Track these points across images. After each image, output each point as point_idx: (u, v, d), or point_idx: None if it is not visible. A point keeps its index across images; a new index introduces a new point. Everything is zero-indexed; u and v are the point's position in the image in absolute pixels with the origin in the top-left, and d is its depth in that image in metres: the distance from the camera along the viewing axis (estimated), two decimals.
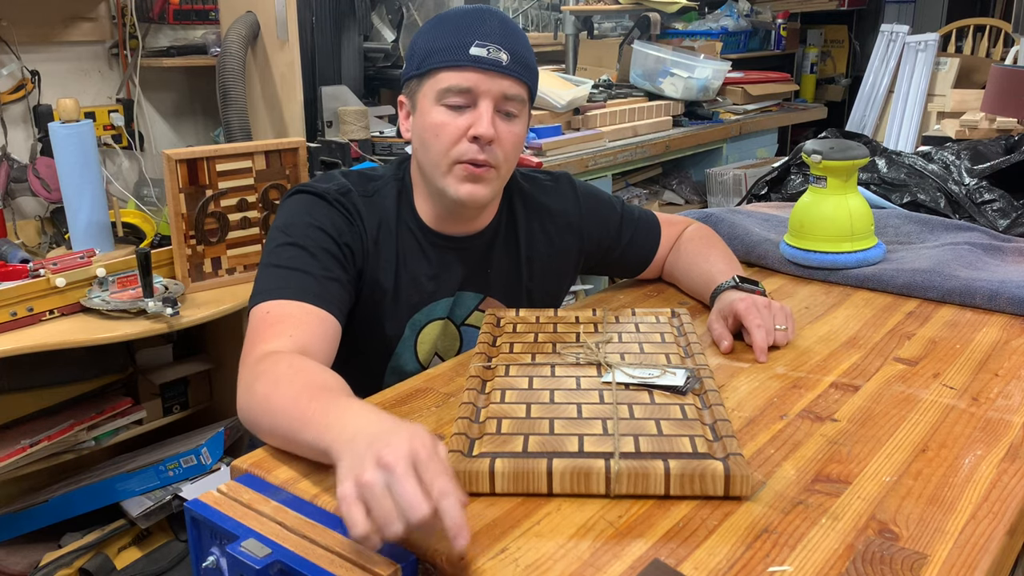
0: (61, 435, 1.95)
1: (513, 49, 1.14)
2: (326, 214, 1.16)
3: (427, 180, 1.20)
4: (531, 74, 1.18)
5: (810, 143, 1.49)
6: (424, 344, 1.26)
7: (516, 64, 1.14)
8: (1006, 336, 1.22)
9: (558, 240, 1.33)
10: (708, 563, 0.72)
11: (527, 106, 1.19)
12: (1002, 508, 0.80)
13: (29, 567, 1.96)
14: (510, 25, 1.17)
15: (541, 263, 1.32)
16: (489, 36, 1.12)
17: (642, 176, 3.45)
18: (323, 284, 1.09)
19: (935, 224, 1.63)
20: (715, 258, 1.35)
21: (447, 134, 1.13)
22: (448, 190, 1.16)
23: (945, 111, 3.58)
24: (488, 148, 1.13)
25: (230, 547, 0.74)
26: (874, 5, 5.49)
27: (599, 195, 1.40)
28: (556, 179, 1.36)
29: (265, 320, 1.04)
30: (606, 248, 1.39)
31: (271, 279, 1.09)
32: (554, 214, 1.32)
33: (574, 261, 1.36)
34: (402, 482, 0.69)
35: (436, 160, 1.16)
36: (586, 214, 1.35)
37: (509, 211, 1.30)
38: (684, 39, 3.98)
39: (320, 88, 2.75)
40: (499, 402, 0.95)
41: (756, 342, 1.14)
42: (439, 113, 1.14)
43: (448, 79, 1.12)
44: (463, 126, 1.13)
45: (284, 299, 1.05)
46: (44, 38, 2.71)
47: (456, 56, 1.12)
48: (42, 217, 2.70)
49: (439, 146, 1.14)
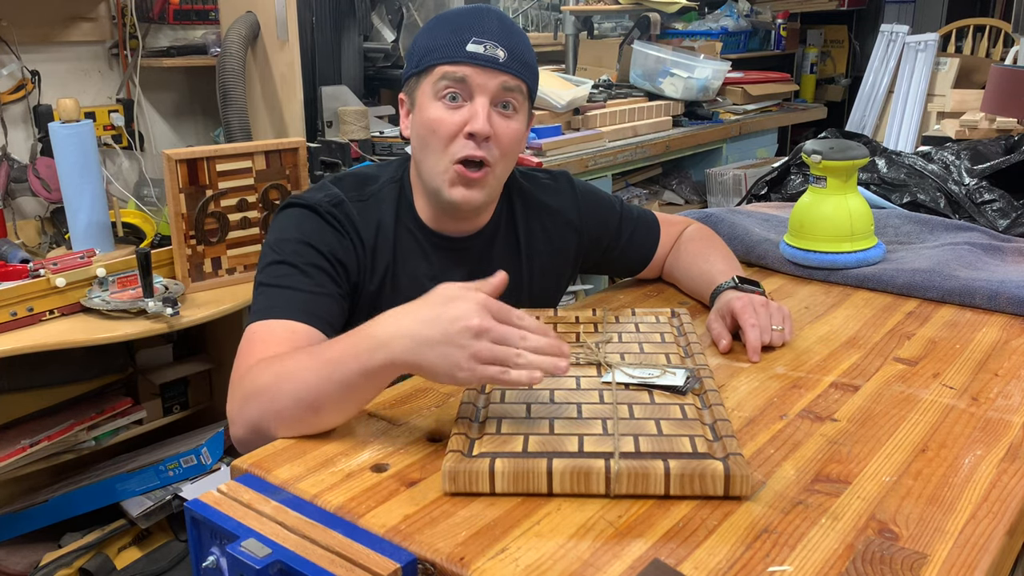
0: (61, 435, 1.95)
1: (510, 46, 1.14)
2: (316, 229, 1.15)
3: (424, 180, 1.19)
4: (530, 72, 1.17)
5: (810, 143, 1.49)
6: None
7: (513, 61, 1.14)
8: (1006, 336, 1.22)
9: (557, 238, 1.33)
10: (708, 563, 0.72)
11: (526, 104, 1.19)
12: (1002, 508, 0.80)
13: (29, 567, 1.96)
14: (508, 24, 1.17)
15: (541, 261, 1.32)
16: (486, 33, 1.13)
17: (642, 176, 3.45)
18: (313, 301, 1.09)
19: (935, 224, 1.63)
20: (715, 258, 1.35)
21: (444, 130, 1.13)
22: (443, 192, 1.16)
23: (945, 111, 3.58)
24: (484, 145, 1.13)
25: (230, 547, 0.74)
26: (874, 5, 5.49)
27: (598, 194, 1.40)
28: (555, 178, 1.37)
29: (250, 341, 1.04)
30: (605, 246, 1.39)
31: (261, 299, 1.10)
32: (553, 212, 1.33)
33: (573, 259, 1.37)
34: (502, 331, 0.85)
35: (434, 159, 1.16)
36: (585, 212, 1.35)
37: (509, 210, 1.30)
38: (684, 39, 3.98)
39: (320, 88, 2.75)
40: (499, 402, 0.95)
41: (749, 341, 1.14)
42: (436, 108, 1.14)
43: (443, 70, 1.13)
44: (459, 122, 1.13)
45: (272, 319, 1.06)
46: (44, 38, 2.71)
47: (453, 52, 1.13)
48: (42, 217, 2.70)
49: (436, 142, 1.14)
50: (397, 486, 0.83)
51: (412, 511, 0.79)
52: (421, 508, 0.80)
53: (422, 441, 0.93)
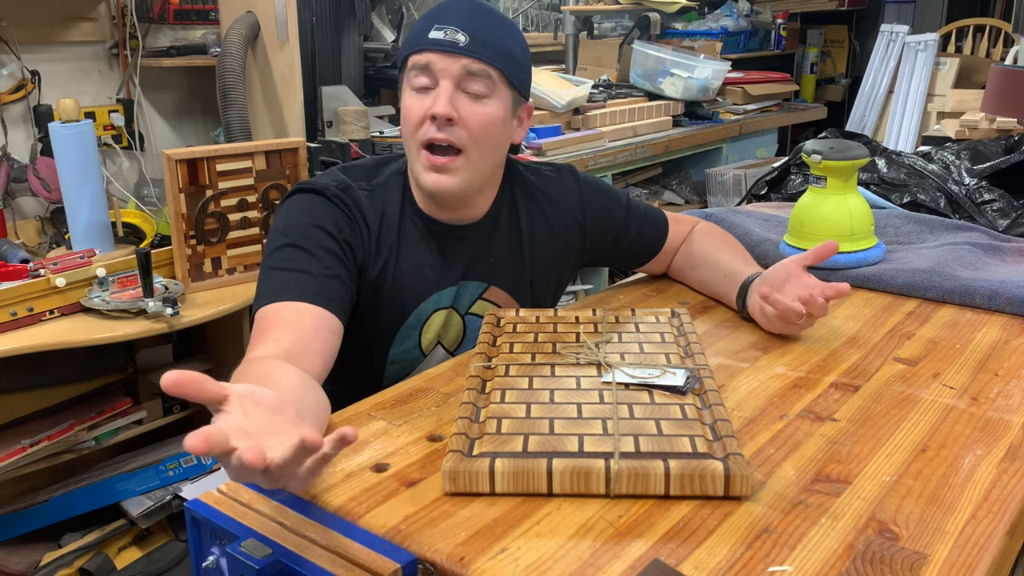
0: (61, 435, 1.95)
1: (473, 31, 1.15)
2: (325, 211, 1.16)
3: (410, 168, 1.23)
4: (500, 56, 1.16)
5: (810, 143, 1.49)
6: (428, 334, 1.26)
7: (475, 44, 1.14)
8: (1006, 336, 1.22)
9: (560, 229, 1.33)
10: (708, 563, 0.72)
11: (504, 91, 1.18)
12: (1002, 508, 0.80)
13: (29, 567, 1.96)
14: (479, 10, 1.18)
15: (544, 252, 1.32)
16: (449, 19, 1.15)
17: (642, 176, 3.45)
18: (322, 282, 1.09)
19: (935, 224, 1.63)
20: (733, 253, 1.36)
21: (413, 116, 1.16)
22: (421, 179, 1.19)
23: (945, 111, 3.59)
24: (449, 128, 1.14)
25: (230, 547, 0.74)
26: (874, 5, 5.49)
27: (602, 186, 1.41)
28: (559, 170, 1.37)
29: (260, 326, 1.04)
30: (612, 237, 1.39)
31: (269, 282, 1.09)
32: (556, 203, 1.33)
33: (576, 250, 1.37)
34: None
35: (408, 146, 1.20)
36: (589, 203, 1.35)
37: (511, 200, 1.30)
38: (684, 39, 3.98)
39: (320, 88, 2.75)
40: (499, 402, 0.95)
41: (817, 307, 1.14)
42: (408, 98, 1.17)
43: (411, 61, 1.17)
44: (426, 108, 1.15)
45: (280, 301, 1.05)
46: (44, 38, 2.71)
47: (418, 42, 1.16)
48: (42, 217, 2.70)
49: (408, 129, 1.18)
50: (397, 486, 0.83)
51: (412, 511, 0.79)
52: (421, 508, 0.79)
53: (422, 441, 0.93)
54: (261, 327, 1.03)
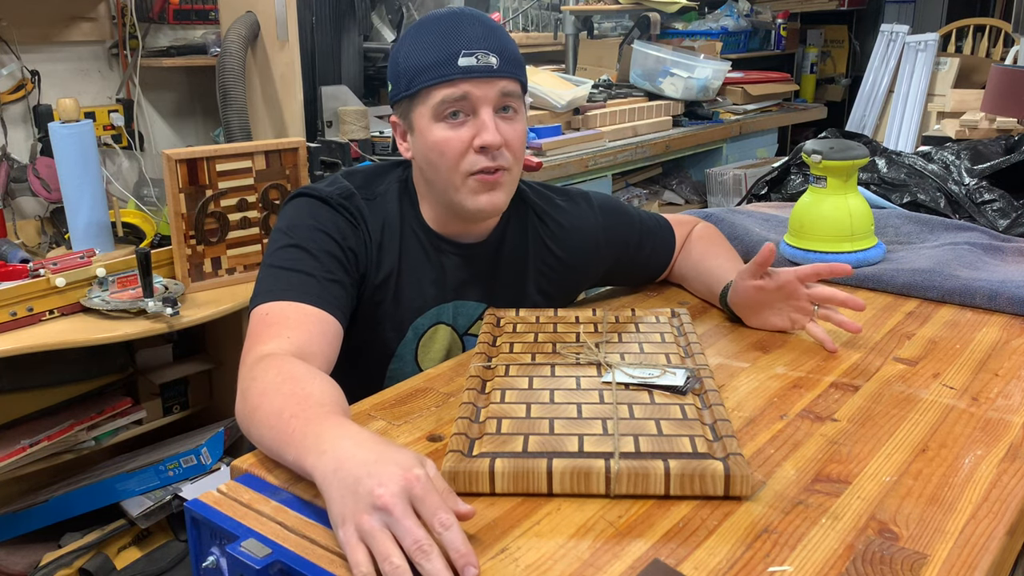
0: (61, 435, 1.95)
1: (500, 49, 1.12)
2: (329, 217, 1.15)
3: (438, 195, 1.18)
4: (521, 69, 1.16)
5: (810, 143, 1.49)
6: (425, 350, 1.25)
7: (506, 64, 1.12)
8: (1006, 336, 1.22)
9: (571, 258, 1.30)
10: (708, 563, 0.72)
11: (523, 100, 1.18)
12: (1002, 508, 0.80)
13: (29, 567, 1.96)
14: (490, 24, 1.15)
15: (549, 279, 1.30)
16: (474, 42, 1.11)
17: (642, 176, 3.45)
18: (324, 286, 1.08)
19: (935, 224, 1.63)
20: (722, 257, 1.36)
21: (452, 150, 1.12)
22: (466, 204, 1.15)
23: (945, 111, 3.58)
24: (498, 153, 1.13)
25: (230, 547, 0.74)
26: (874, 5, 5.49)
27: (618, 209, 1.38)
28: (571, 197, 1.34)
29: (264, 321, 1.03)
30: (627, 261, 1.38)
31: (272, 280, 1.08)
32: (569, 232, 1.30)
33: (588, 278, 1.36)
34: (403, 522, 0.68)
35: (447, 177, 1.14)
36: (609, 230, 1.33)
37: (518, 221, 1.28)
38: (684, 39, 3.98)
39: (320, 88, 2.75)
40: (499, 402, 0.95)
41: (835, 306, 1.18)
42: (439, 130, 1.12)
43: (441, 94, 1.11)
44: (466, 138, 1.12)
45: (284, 300, 1.05)
46: (44, 38, 2.71)
47: (446, 70, 1.10)
48: (42, 217, 2.70)
49: (446, 163, 1.13)
50: None
51: None
52: None
53: (422, 441, 0.93)
54: (266, 323, 1.03)
